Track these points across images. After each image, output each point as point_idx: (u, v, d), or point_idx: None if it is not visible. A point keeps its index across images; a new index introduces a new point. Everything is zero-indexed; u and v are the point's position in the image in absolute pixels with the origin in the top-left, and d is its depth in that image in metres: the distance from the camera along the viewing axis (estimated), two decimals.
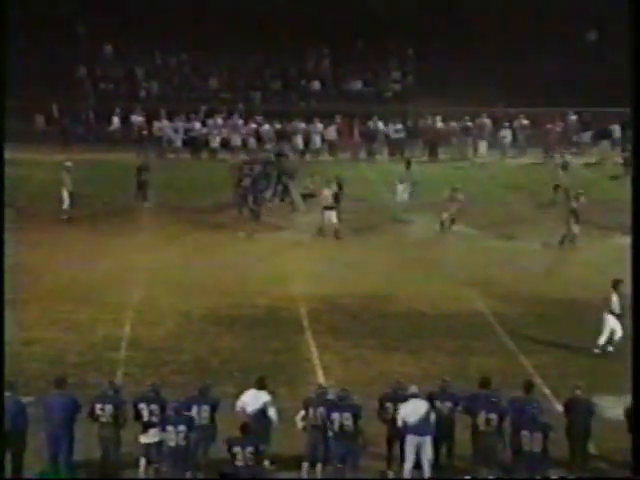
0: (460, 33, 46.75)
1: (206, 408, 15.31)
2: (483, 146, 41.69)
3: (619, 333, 20.36)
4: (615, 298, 20.38)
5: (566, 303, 23.43)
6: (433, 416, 15.22)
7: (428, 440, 15.17)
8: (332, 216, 29.10)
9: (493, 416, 15.15)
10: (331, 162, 40.13)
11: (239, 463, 14.12)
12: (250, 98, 45.60)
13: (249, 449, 14.13)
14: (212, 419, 15.38)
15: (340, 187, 30.05)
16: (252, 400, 15.59)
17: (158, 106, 42.31)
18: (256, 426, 14.94)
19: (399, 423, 15.27)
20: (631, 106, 17.12)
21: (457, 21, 47.38)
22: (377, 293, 24.21)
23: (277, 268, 26.13)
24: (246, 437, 14.33)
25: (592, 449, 15.47)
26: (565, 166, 33.84)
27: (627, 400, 15.69)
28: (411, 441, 15.18)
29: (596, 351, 20.43)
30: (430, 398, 15.51)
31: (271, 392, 15.83)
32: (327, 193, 29.46)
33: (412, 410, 15.19)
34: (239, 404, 15.66)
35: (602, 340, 20.50)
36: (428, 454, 15.21)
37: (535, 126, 42.17)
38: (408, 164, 33.68)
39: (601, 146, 41.58)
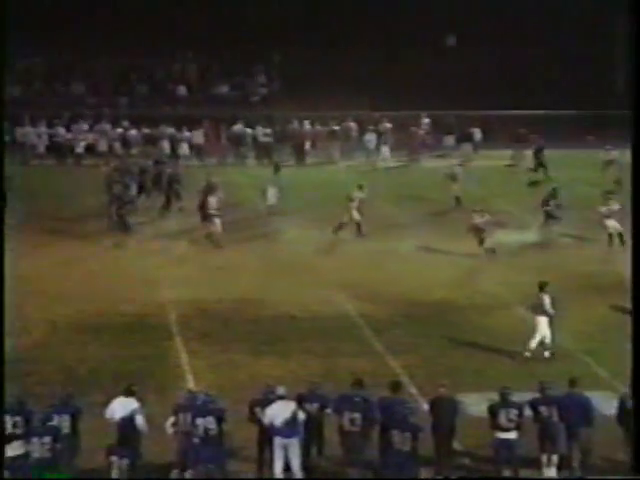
0: (325, 37, 47.21)
1: (66, 417, 15.10)
2: (337, 152, 41.95)
3: (549, 337, 20.41)
4: (547, 299, 20.46)
5: (432, 304, 23.87)
6: (302, 417, 15.33)
7: (295, 442, 15.26)
8: (218, 223, 28.82)
9: (357, 416, 15.33)
10: (199, 167, 39.99)
11: (114, 473, 14.00)
12: (116, 103, 45.09)
13: (125, 461, 14.04)
14: (74, 429, 15.17)
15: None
16: (120, 408, 15.45)
17: (21, 111, 41.46)
18: (125, 434, 14.81)
19: (266, 424, 15.33)
20: (631, 106, 17.29)
21: (323, 25, 47.81)
22: (247, 297, 24.24)
23: (146, 275, 25.93)
24: (125, 447, 14.23)
25: (457, 446, 15.79)
26: (454, 177, 33.95)
27: (492, 397, 16.08)
28: (278, 443, 15.25)
29: (527, 354, 20.36)
30: (299, 400, 15.62)
31: (140, 399, 15.71)
32: (213, 200, 29.15)
33: (277, 412, 15.27)
34: (108, 412, 15.51)
35: (534, 344, 20.41)
36: (296, 455, 15.31)
37: (399, 130, 42.70)
38: (276, 168, 33.87)
39: (463, 149, 42.42)
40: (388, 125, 42.68)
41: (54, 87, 45.91)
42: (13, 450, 14.73)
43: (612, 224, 28.29)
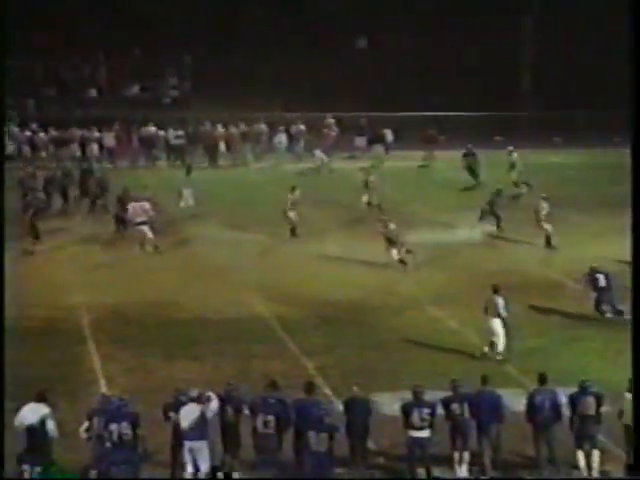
0: (237, 38, 47.21)
1: None
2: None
3: (502, 339, 20.45)
4: (501, 302, 20.54)
5: (346, 305, 24.00)
6: (209, 416, 15.25)
7: (202, 444, 15.22)
8: (147, 230, 28.43)
9: (271, 418, 15.37)
10: (110, 170, 39.64)
11: None
12: (24, 105, 44.40)
13: (37, 468, 13.88)
14: None
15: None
16: (30, 414, 15.27)
17: None
18: (35, 440, 14.65)
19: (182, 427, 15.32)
20: (631, 106, 17.36)
21: (234, 26, 47.80)
22: (161, 301, 24.13)
23: (58, 280, 25.65)
24: (35, 454, 14.08)
25: (371, 445, 15.93)
26: (367, 184, 33.62)
27: (405, 397, 16.27)
28: (186, 446, 15.23)
29: (498, 358, 20.35)
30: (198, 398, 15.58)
31: (51, 405, 15.54)
32: (138, 206, 28.70)
33: (185, 414, 15.24)
34: (18, 419, 15.32)
35: (501, 346, 20.38)
36: (204, 459, 15.25)
37: (312, 131, 42.81)
38: (188, 170, 33.76)
39: (375, 150, 42.68)
40: (302, 127, 42.75)
41: None
42: None
43: (548, 226, 28.59)
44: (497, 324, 20.51)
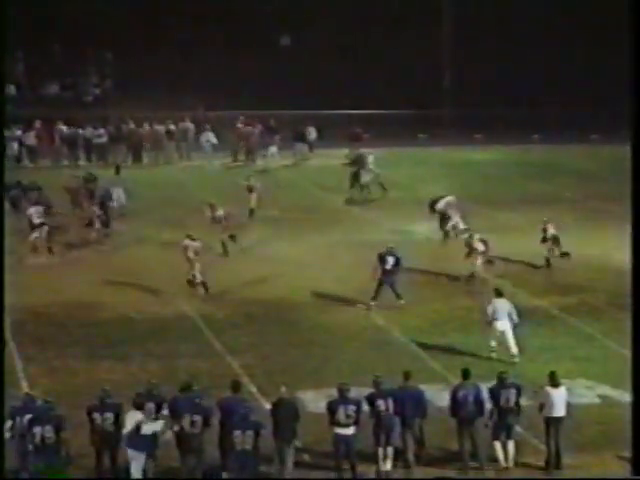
0: (161, 36, 46.97)
1: None
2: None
3: (512, 341, 20.26)
4: (508, 305, 20.38)
5: (270, 303, 24.01)
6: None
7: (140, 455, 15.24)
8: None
9: (197, 418, 15.36)
10: (32, 169, 39.19)
11: None
12: None
13: None
14: None
15: None
16: None
17: None
18: None
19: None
20: (631, 106, 17.41)
21: (157, 24, 47.55)
22: (84, 300, 23.91)
23: None
24: None
25: (297, 443, 15.97)
26: (251, 188, 32.09)
27: (330, 394, 16.35)
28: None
29: (515, 360, 20.07)
30: (134, 403, 15.53)
31: None
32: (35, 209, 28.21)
33: (129, 420, 15.25)
34: None
35: (514, 349, 20.18)
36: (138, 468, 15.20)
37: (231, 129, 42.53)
38: (117, 169, 33.30)
39: (297, 148, 42.64)
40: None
41: None
42: None
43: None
44: (507, 326, 20.33)
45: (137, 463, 15.22)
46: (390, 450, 15.87)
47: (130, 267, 26.67)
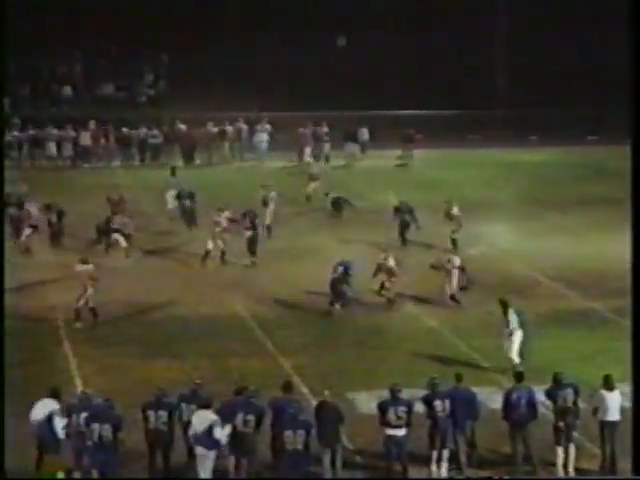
0: (214, 37, 47.15)
1: None
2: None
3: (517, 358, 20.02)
4: (516, 316, 20.18)
5: (322, 304, 23.95)
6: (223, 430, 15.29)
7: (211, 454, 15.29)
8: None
9: (250, 417, 15.40)
10: (86, 170, 39.64)
11: None
12: None
13: None
14: None
15: None
16: (41, 409, 15.48)
17: None
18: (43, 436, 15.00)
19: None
20: (631, 106, 17.38)
21: (212, 24, 47.72)
22: (137, 300, 24.07)
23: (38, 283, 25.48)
24: None
25: (347, 444, 15.94)
26: (265, 201, 29.96)
27: (382, 394, 16.32)
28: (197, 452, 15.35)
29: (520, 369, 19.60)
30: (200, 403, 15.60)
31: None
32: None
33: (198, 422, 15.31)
34: (31, 414, 15.53)
35: (516, 358, 19.95)
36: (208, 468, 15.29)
37: (287, 130, 42.58)
38: (173, 171, 33.08)
39: (349, 149, 42.55)
40: (267, 126, 42.48)
41: None
42: None
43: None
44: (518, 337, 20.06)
45: (207, 462, 15.23)
46: (445, 453, 15.80)
47: (185, 267, 26.80)
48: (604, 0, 46.16)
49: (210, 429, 15.11)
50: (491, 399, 17.47)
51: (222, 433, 15.14)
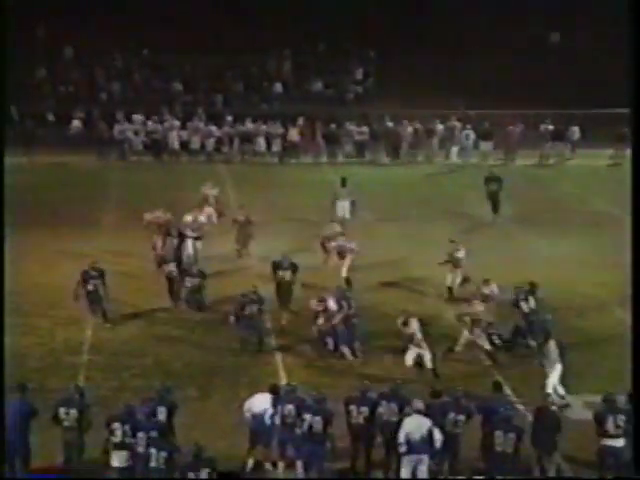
0: (421, 36, 46.99)
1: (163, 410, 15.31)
2: (454, 151, 41.53)
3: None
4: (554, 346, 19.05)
5: None
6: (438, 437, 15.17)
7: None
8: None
9: (461, 417, 15.28)
10: (294, 165, 40.24)
11: None
12: (212, 100, 45.43)
13: None
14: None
15: None
16: (257, 403, 15.84)
17: (118, 108, 42.07)
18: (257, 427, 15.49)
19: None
20: (631, 106, 16.88)
21: (421, 24, 47.60)
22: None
23: None
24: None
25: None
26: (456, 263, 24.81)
27: (591, 400, 15.75)
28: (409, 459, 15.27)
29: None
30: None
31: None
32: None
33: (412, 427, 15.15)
34: (246, 405, 15.92)
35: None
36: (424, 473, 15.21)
37: (496, 128, 41.97)
38: (343, 182, 30.90)
39: (557, 148, 41.59)
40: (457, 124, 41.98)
41: (151, 84, 46.40)
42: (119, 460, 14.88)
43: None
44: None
45: (421, 466, 15.12)
46: None
47: None
48: None
49: (429, 435, 14.93)
50: None
51: (439, 438, 14.98)
